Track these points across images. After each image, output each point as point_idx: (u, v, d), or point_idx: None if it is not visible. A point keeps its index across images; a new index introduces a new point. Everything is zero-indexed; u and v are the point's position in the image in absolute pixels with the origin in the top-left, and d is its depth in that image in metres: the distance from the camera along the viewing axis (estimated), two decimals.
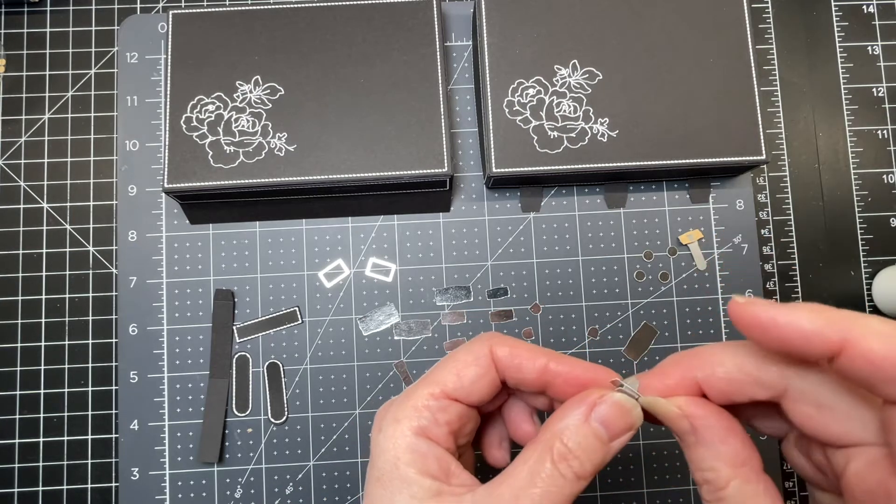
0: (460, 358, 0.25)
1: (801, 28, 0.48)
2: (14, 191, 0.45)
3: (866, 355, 0.19)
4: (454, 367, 0.25)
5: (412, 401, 0.24)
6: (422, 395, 0.25)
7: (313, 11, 0.43)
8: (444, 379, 0.25)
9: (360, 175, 0.41)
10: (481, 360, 0.25)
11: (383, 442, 0.24)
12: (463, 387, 0.25)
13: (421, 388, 0.25)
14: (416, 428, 0.24)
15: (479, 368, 0.25)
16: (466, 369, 0.25)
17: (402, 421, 0.24)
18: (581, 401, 0.23)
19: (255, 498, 0.42)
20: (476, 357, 0.25)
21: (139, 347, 0.43)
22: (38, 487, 0.42)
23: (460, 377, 0.25)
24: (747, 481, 0.21)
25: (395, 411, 0.24)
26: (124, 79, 0.45)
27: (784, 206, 0.46)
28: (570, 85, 0.42)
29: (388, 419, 0.24)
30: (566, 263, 0.45)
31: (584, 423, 0.23)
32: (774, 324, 0.20)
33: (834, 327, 0.19)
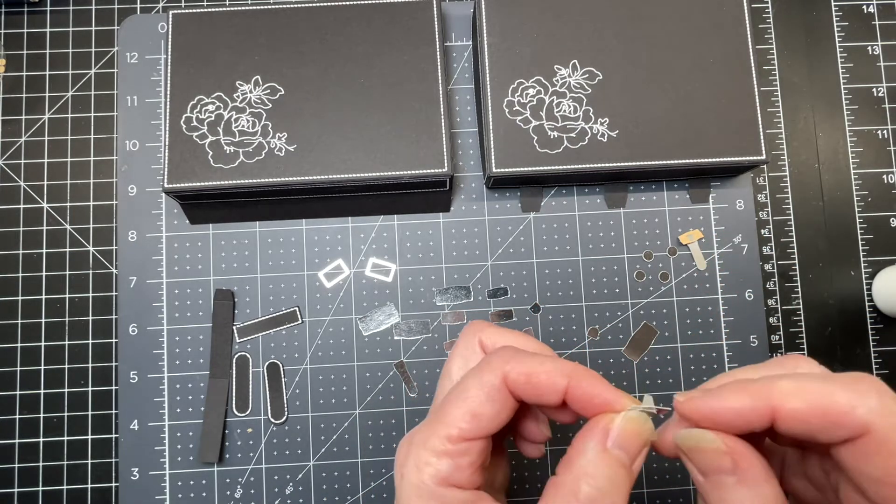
0: (472, 394, 0.23)
1: (801, 28, 0.48)
2: (14, 191, 0.45)
3: (794, 416, 0.19)
4: (467, 407, 0.23)
5: (430, 445, 0.23)
6: (439, 440, 0.23)
7: (313, 11, 0.43)
8: (458, 421, 0.23)
9: (360, 175, 0.41)
10: (496, 395, 0.23)
11: (407, 490, 0.23)
12: (481, 427, 0.23)
13: (436, 428, 0.23)
14: (438, 478, 0.23)
15: (494, 405, 0.23)
16: (481, 408, 0.23)
17: (424, 469, 0.23)
18: (594, 429, 0.22)
19: (255, 498, 0.42)
20: (489, 391, 0.23)
21: (139, 347, 0.43)
22: (38, 487, 0.42)
23: (476, 418, 0.23)
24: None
25: (415, 456, 0.23)
26: (124, 79, 0.45)
27: (784, 206, 0.46)
28: (570, 85, 0.42)
29: (409, 465, 0.23)
30: (566, 263, 0.45)
31: (603, 453, 0.22)
32: (715, 413, 0.21)
33: (760, 401, 0.20)
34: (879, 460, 0.19)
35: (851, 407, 0.19)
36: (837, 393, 0.19)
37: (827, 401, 0.19)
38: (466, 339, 0.27)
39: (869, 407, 0.19)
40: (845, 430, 0.19)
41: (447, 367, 0.27)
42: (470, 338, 0.27)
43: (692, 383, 0.44)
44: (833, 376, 0.20)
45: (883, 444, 0.19)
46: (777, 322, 0.45)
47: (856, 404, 0.19)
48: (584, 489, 0.21)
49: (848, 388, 0.20)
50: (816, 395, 0.20)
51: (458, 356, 0.27)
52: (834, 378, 0.20)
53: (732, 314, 0.44)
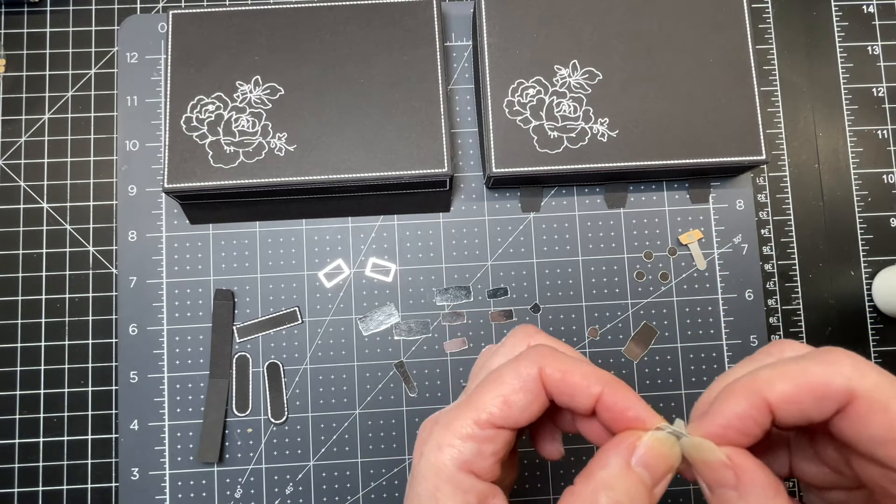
0: (507, 381, 0.23)
1: (801, 28, 0.48)
2: (14, 191, 0.45)
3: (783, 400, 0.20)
4: (500, 392, 0.23)
5: (456, 426, 0.23)
6: (466, 423, 0.23)
7: (313, 11, 0.43)
8: (490, 405, 0.23)
9: (360, 175, 0.41)
10: (530, 386, 0.23)
11: (425, 469, 0.23)
12: (511, 416, 0.23)
13: (465, 411, 0.23)
14: (459, 461, 0.22)
15: (527, 395, 0.23)
16: (515, 396, 0.23)
17: (445, 450, 0.22)
18: (620, 444, 0.22)
19: (255, 498, 0.42)
20: (524, 382, 0.23)
21: (139, 347, 0.43)
22: (38, 487, 0.42)
23: (508, 405, 0.23)
24: None
25: (438, 436, 0.23)
26: (124, 79, 0.45)
27: (784, 206, 0.46)
28: (570, 85, 0.42)
29: (430, 444, 0.23)
30: (566, 263, 0.45)
31: (627, 469, 0.21)
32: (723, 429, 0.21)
33: (751, 397, 0.20)
34: (875, 420, 0.19)
35: (829, 377, 0.20)
36: (813, 368, 0.20)
37: (808, 377, 0.20)
38: (515, 339, 0.26)
39: (844, 374, 0.20)
40: (832, 401, 0.20)
41: (487, 364, 0.26)
42: (519, 339, 0.26)
43: (692, 383, 0.44)
44: (807, 354, 0.21)
45: (872, 404, 0.19)
46: (777, 322, 0.45)
47: (832, 374, 0.20)
48: (602, 501, 0.21)
49: (821, 361, 0.20)
50: (796, 374, 0.20)
51: (502, 355, 0.26)
52: (808, 356, 0.21)
53: (732, 314, 0.44)
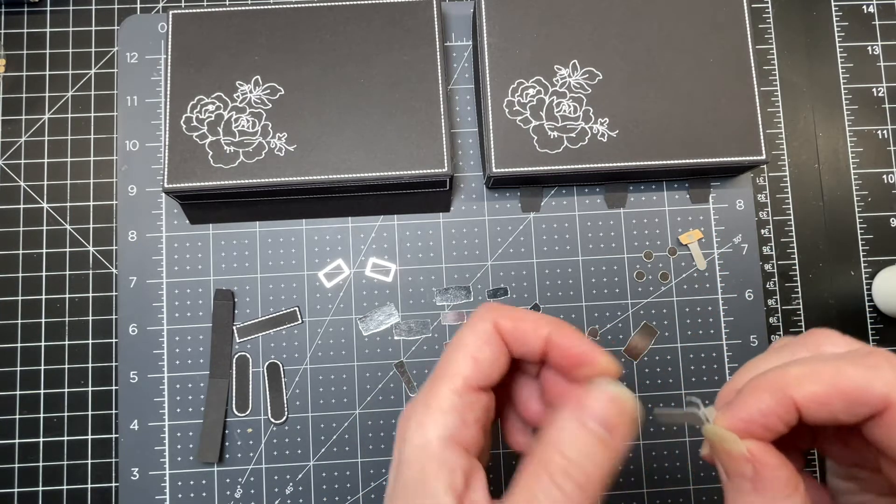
0: (468, 342, 0.23)
1: (801, 28, 0.48)
2: (14, 191, 0.45)
3: (813, 400, 0.20)
4: (466, 353, 0.23)
5: (435, 403, 0.22)
6: (444, 395, 0.22)
7: (313, 11, 0.43)
8: (461, 369, 0.23)
9: (360, 175, 0.41)
10: (491, 339, 0.23)
11: (409, 453, 0.22)
12: (483, 372, 0.23)
13: (439, 385, 0.23)
14: (444, 437, 0.22)
15: (491, 348, 0.23)
16: (480, 352, 0.23)
17: (429, 428, 0.22)
18: (572, 402, 0.22)
19: (255, 498, 0.42)
20: (485, 336, 0.23)
21: (139, 347, 0.43)
22: (38, 487, 0.42)
23: (477, 362, 0.23)
24: None
25: (419, 416, 0.22)
26: (124, 79, 0.45)
27: (784, 206, 0.46)
28: (570, 85, 0.42)
29: (412, 427, 0.22)
30: (566, 263, 0.45)
31: (580, 428, 0.21)
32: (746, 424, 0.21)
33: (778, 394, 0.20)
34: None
35: (867, 382, 0.19)
36: (850, 371, 0.19)
37: (842, 380, 0.19)
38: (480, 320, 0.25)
39: (885, 380, 0.19)
40: (867, 408, 0.19)
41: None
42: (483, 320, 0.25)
43: (692, 383, 0.44)
44: (844, 355, 0.20)
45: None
46: (777, 322, 0.45)
47: (871, 379, 0.19)
48: (556, 460, 0.20)
49: (860, 364, 0.19)
50: (830, 376, 0.19)
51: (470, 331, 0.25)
52: (845, 357, 0.20)
53: (732, 314, 0.44)
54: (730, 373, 0.44)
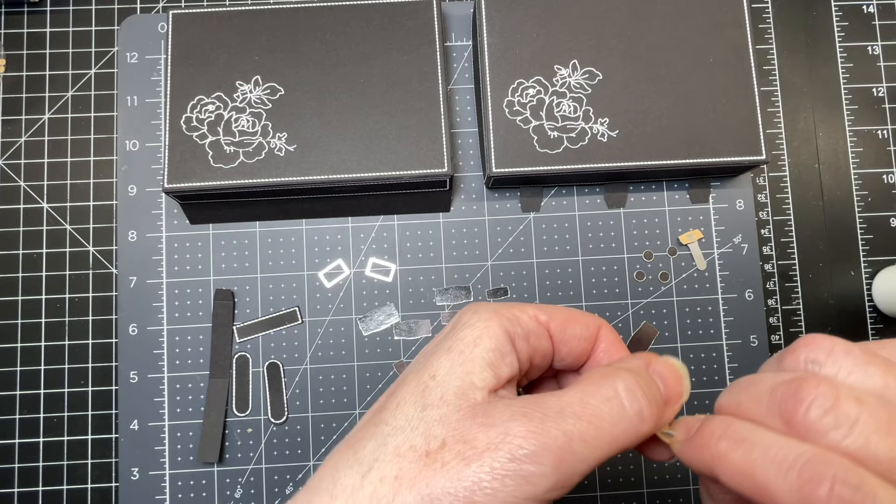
0: (574, 312, 0.25)
1: (801, 28, 0.48)
2: (14, 191, 0.45)
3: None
4: (566, 314, 0.25)
5: (517, 310, 0.24)
6: (528, 312, 0.24)
7: (313, 11, 0.43)
8: (553, 313, 0.24)
9: (360, 175, 0.41)
10: (589, 329, 0.25)
11: (474, 321, 0.23)
12: (562, 335, 0.24)
13: (528, 307, 0.24)
14: (509, 331, 0.23)
15: (584, 331, 0.25)
16: (575, 324, 0.24)
17: (502, 316, 0.23)
18: (638, 355, 0.23)
19: (255, 498, 0.42)
20: (587, 323, 0.25)
21: (139, 347, 0.43)
22: (38, 487, 0.42)
23: (567, 323, 0.24)
24: None
25: (496, 307, 0.24)
26: (124, 79, 0.45)
27: (784, 206, 0.46)
28: (570, 85, 0.42)
29: (486, 308, 0.24)
30: (566, 263, 0.45)
31: (646, 369, 0.22)
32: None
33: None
34: None
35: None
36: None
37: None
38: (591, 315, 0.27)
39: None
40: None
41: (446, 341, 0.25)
42: (593, 316, 0.26)
43: (692, 383, 0.44)
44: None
45: None
46: (777, 322, 0.45)
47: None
48: (626, 377, 0.21)
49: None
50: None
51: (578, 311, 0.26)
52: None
53: (732, 314, 0.44)
54: (730, 372, 0.44)
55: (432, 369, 0.22)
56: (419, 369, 0.23)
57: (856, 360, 0.18)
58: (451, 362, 0.22)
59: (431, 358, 0.23)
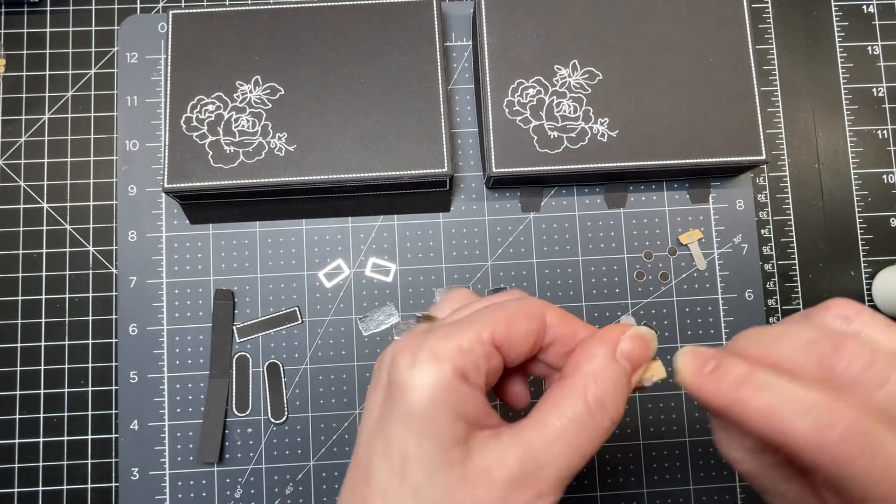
0: (512, 309, 0.23)
1: (801, 28, 0.48)
2: (14, 191, 0.45)
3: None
4: (505, 317, 0.23)
5: (457, 340, 0.22)
6: (468, 337, 0.22)
7: (313, 11, 0.43)
8: (495, 325, 0.22)
9: (360, 175, 0.41)
10: (534, 321, 0.23)
11: (419, 379, 0.21)
12: (509, 340, 0.23)
13: (467, 327, 0.22)
14: (459, 369, 0.21)
15: (530, 325, 0.23)
16: (518, 322, 0.23)
17: (443, 359, 0.21)
18: (605, 338, 0.23)
19: (255, 498, 0.42)
20: (529, 314, 0.23)
21: (139, 347, 0.43)
22: (38, 487, 0.42)
23: (511, 327, 0.22)
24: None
25: (434, 347, 0.22)
26: (124, 79, 0.45)
27: (784, 206, 0.46)
28: (570, 85, 0.42)
29: (424, 356, 0.21)
30: (566, 263, 0.45)
31: (612, 361, 0.22)
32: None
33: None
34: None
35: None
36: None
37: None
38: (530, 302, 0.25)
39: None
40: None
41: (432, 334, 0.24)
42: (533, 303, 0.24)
43: None
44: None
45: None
46: (777, 322, 0.45)
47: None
48: (592, 390, 0.22)
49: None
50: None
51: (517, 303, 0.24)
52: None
53: (732, 314, 0.44)
54: None
55: (401, 448, 0.21)
56: (385, 451, 0.21)
57: (879, 324, 0.21)
58: (418, 437, 0.21)
59: (392, 436, 0.21)
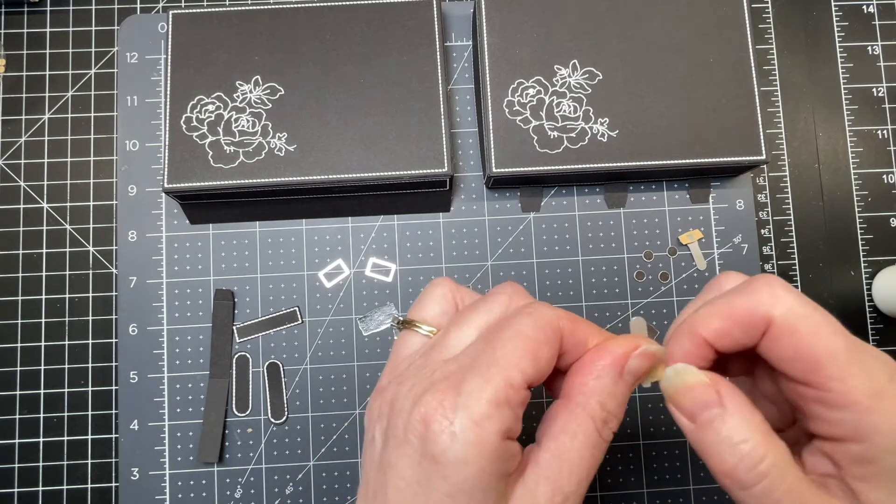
0: (529, 333, 0.21)
1: (801, 28, 0.48)
2: (14, 191, 0.45)
3: (718, 335, 0.22)
4: (529, 348, 0.21)
5: (490, 392, 0.20)
6: (501, 386, 0.20)
7: (313, 11, 0.43)
8: (522, 363, 0.21)
9: (360, 175, 0.41)
10: (555, 343, 0.22)
11: (463, 452, 0.19)
12: (538, 373, 0.21)
13: (495, 373, 0.20)
14: (502, 431, 0.20)
15: (552, 349, 0.22)
16: (542, 351, 0.21)
17: (485, 423, 0.20)
18: (611, 355, 0.22)
19: (255, 498, 0.42)
20: (549, 338, 0.22)
21: (139, 347, 0.43)
22: (38, 487, 0.42)
23: (537, 360, 0.21)
24: (782, 451, 0.21)
25: (469, 408, 0.20)
26: (124, 79, 0.45)
27: (784, 206, 0.46)
28: (570, 85, 0.42)
29: (463, 422, 0.20)
30: (566, 263, 0.45)
31: (619, 379, 0.22)
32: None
33: (693, 338, 0.23)
34: (785, 342, 0.21)
35: (751, 307, 0.21)
36: (737, 301, 0.22)
37: (733, 310, 0.22)
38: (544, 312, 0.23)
39: (761, 301, 0.21)
40: (756, 329, 0.21)
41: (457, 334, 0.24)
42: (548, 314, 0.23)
43: None
44: (735, 287, 0.23)
45: (784, 328, 0.21)
46: None
47: (753, 303, 0.21)
48: (600, 413, 0.22)
49: (744, 292, 0.22)
50: (724, 309, 0.22)
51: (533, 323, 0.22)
52: (735, 289, 0.22)
53: None
54: None
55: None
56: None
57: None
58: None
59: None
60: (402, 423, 0.21)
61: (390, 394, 0.23)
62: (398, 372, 0.24)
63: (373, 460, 0.23)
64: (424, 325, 0.26)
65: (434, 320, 0.26)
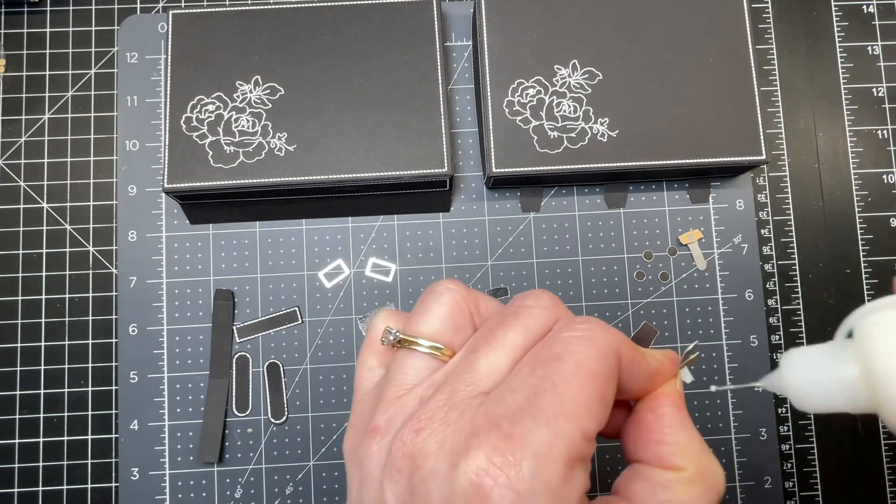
0: (595, 369, 0.18)
1: (801, 28, 0.48)
2: (14, 191, 0.45)
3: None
4: (597, 388, 0.18)
5: (561, 449, 0.16)
6: (575, 441, 0.17)
7: (313, 11, 0.43)
8: (594, 410, 0.17)
9: (360, 175, 0.41)
10: (615, 377, 0.19)
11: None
12: (606, 415, 0.18)
13: (563, 424, 0.17)
14: (581, 499, 0.17)
15: (614, 385, 0.19)
16: (608, 390, 0.18)
17: (564, 491, 0.16)
18: (671, 398, 0.22)
19: (255, 498, 0.42)
20: (613, 369, 0.18)
21: (139, 347, 0.43)
22: (38, 487, 0.42)
23: (605, 403, 0.18)
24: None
25: (543, 473, 0.16)
26: (124, 79, 0.45)
27: (784, 206, 0.46)
28: (570, 85, 0.42)
29: (536, 491, 0.16)
30: (566, 263, 0.45)
31: (675, 410, 0.22)
32: None
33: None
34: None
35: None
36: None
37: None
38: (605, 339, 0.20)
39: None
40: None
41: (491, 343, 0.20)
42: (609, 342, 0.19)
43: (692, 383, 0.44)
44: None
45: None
46: (777, 322, 0.45)
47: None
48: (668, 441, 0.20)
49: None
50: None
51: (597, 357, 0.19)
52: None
53: (732, 314, 0.44)
54: (730, 372, 0.44)
55: None
56: None
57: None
58: None
59: None
60: (439, 490, 0.16)
61: (406, 445, 0.17)
62: (402, 408, 0.19)
63: None
64: (424, 340, 0.20)
65: (442, 336, 0.20)
